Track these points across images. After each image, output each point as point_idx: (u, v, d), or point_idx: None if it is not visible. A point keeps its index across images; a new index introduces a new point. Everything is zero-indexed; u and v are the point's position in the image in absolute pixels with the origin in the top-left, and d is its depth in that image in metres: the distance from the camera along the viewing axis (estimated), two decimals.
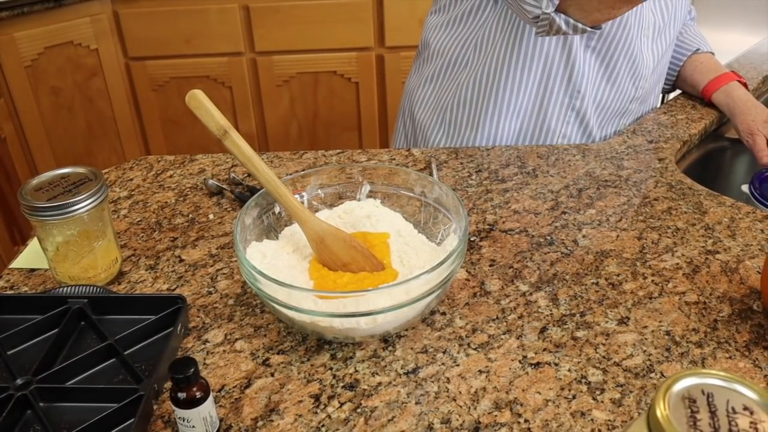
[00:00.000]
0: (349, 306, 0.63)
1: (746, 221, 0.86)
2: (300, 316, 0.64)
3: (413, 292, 0.63)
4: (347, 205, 0.82)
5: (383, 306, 0.62)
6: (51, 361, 0.65)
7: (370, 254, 0.73)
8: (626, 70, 1.06)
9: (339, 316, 0.63)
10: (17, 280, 0.79)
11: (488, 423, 0.59)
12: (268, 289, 0.64)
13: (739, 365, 0.64)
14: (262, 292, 0.65)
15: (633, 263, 0.79)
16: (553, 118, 1.09)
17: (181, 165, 1.04)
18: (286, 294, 0.63)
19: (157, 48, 2.16)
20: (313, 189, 0.82)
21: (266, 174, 0.71)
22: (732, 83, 1.15)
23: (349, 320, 0.63)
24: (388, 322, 0.65)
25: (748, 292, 0.74)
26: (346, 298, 0.63)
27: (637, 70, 1.07)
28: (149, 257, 0.82)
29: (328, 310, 0.63)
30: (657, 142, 1.09)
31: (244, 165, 0.71)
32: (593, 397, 0.61)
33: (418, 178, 0.81)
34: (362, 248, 0.73)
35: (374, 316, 0.63)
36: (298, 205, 0.73)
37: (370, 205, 0.81)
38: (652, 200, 0.92)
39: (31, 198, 0.71)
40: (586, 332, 0.69)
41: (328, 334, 0.67)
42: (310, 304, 0.63)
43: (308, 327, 0.66)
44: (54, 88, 2.04)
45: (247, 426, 0.59)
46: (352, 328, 0.64)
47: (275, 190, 0.72)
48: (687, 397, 0.39)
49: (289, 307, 0.63)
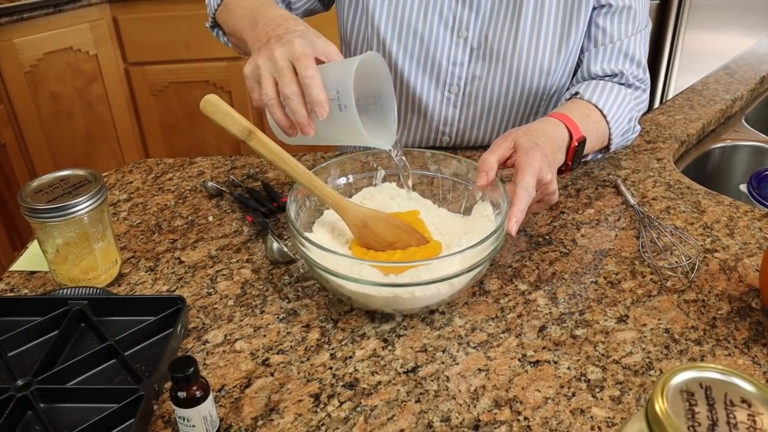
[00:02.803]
0: (423, 275, 0.66)
1: (744, 220, 0.87)
2: (374, 289, 0.67)
3: (483, 253, 0.67)
4: (365, 192, 0.84)
5: (456, 270, 0.66)
6: (51, 362, 0.65)
7: (413, 230, 0.76)
8: None
9: (421, 284, 0.66)
10: (17, 283, 0.79)
11: (488, 421, 0.59)
12: (339, 266, 0.66)
13: (738, 362, 0.64)
14: (323, 269, 0.67)
15: (632, 262, 0.79)
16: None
17: (180, 168, 1.05)
18: (355, 269, 0.66)
19: (156, 53, 2.17)
20: (332, 180, 0.83)
21: (299, 169, 0.72)
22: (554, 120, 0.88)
23: (421, 288, 0.66)
24: (452, 289, 0.69)
25: (746, 290, 0.74)
26: (426, 265, 0.67)
27: None
28: (149, 259, 0.82)
29: (399, 281, 0.66)
30: (655, 142, 1.09)
31: (273, 164, 0.72)
32: (593, 395, 0.61)
33: (432, 156, 0.84)
34: (405, 225, 0.76)
35: (451, 280, 0.66)
36: (335, 195, 0.75)
37: (387, 189, 0.84)
38: (650, 200, 0.92)
39: (30, 200, 0.71)
40: (585, 330, 0.69)
41: (386, 306, 0.69)
42: (381, 278, 0.67)
43: (369, 300, 0.69)
44: (54, 94, 2.05)
45: (247, 425, 0.59)
46: (418, 297, 0.67)
47: (311, 183, 0.73)
48: (685, 391, 0.40)
49: (362, 282, 0.66)
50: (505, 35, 0.95)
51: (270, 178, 1.00)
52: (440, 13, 0.95)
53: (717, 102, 1.25)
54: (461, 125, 1.04)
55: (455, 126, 1.04)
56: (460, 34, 0.96)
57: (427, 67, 0.99)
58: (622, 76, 0.97)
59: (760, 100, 1.35)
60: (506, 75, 0.98)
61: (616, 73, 0.97)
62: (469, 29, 0.96)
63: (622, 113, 0.95)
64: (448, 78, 0.99)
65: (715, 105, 1.23)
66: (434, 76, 1.00)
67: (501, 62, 0.97)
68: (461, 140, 1.06)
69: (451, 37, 0.96)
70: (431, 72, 0.99)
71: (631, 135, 1.01)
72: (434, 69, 0.99)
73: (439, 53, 0.97)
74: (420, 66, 0.99)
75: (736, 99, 1.27)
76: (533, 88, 0.99)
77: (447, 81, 1.00)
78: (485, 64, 0.97)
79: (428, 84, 1.00)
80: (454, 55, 0.98)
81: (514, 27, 0.94)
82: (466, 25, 0.96)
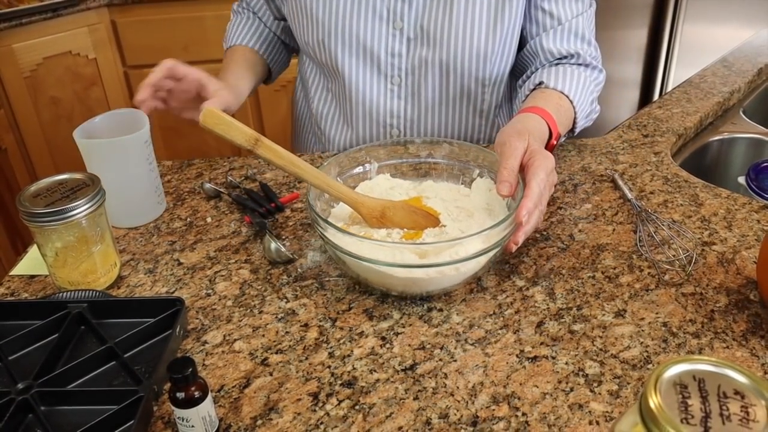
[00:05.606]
0: (444, 256, 0.68)
1: (742, 212, 0.87)
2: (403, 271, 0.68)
3: (504, 231, 0.70)
4: (363, 186, 0.85)
5: (476, 250, 0.68)
6: (52, 365, 0.65)
7: (427, 213, 0.78)
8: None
9: (447, 264, 0.67)
10: (17, 287, 0.80)
11: (486, 417, 0.59)
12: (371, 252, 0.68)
13: (737, 354, 0.64)
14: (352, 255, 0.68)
15: (629, 256, 0.79)
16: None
17: (178, 170, 1.05)
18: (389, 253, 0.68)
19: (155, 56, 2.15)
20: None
21: (311, 171, 0.74)
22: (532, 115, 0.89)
23: (442, 269, 0.68)
24: (470, 269, 0.71)
25: (744, 282, 0.74)
26: (451, 247, 0.68)
27: None
28: (148, 261, 0.83)
29: (427, 262, 0.68)
30: (652, 136, 1.09)
31: (284, 168, 0.73)
32: (591, 390, 0.61)
33: (422, 143, 0.87)
34: (420, 210, 0.78)
35: (478, 259, 0.68)
36: (349, 191, 0.77)
37: (383, 180, 0.86)
38: (648, 194, 0.92)
39: (29, 204, 0.72)
40: (582, 325, 0.69)
41: (413, 288, 0.71)
42: (414, 260, 0.68)
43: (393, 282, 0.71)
44: (53, 98, 2.05)
45: (246, 425, 0.59)
46: (441, 277, 0.69)
47: (324, 183, 0.75)
48: (678, 383, 0.40)
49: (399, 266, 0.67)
50: (440, 21, 0.97)
51: (268, 179, 1.00)
52: (373, 7, 0.97)
53: (714, 95, 1.25)
54: (408, 116, 1.06)
55: (402, 118, 1.06)
56: (395, 25, 0.98)
57: (367, 61, 1.01)
58: (579, 56, 1.00)
59: (758, 92, 1.35)
60: (444, 62, 0.99)
61: (572, 54, 1.00)
62: (404, 19, 0.98)
63: (586, 97, 0.98)
64: (389, 70, 1.01)
65: (713, 98, 1.23)
66: (375, 69, 1.01)
67: (438, 49, 0.98)
68: (411, 133, 1.08)
69: (387, 29, 0.98)
70: (371, 65, 1.01)
71: (593, 115, 1.03)
72: (374, 62, 1.01)
73: (377, 46, 0.99)
74: (360, 61, 1.01)
75: (734, 91, 1.27)
76: (472, 74, 1.01)
77: (388, 73, 1.02)
78: (423, 52, 0.99)
79: (370, 78, 1.02)
80: (391, 46, 0.99)
81: (447, 12, 0.96)
82: (401, 16, 0.97)
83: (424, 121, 1.06)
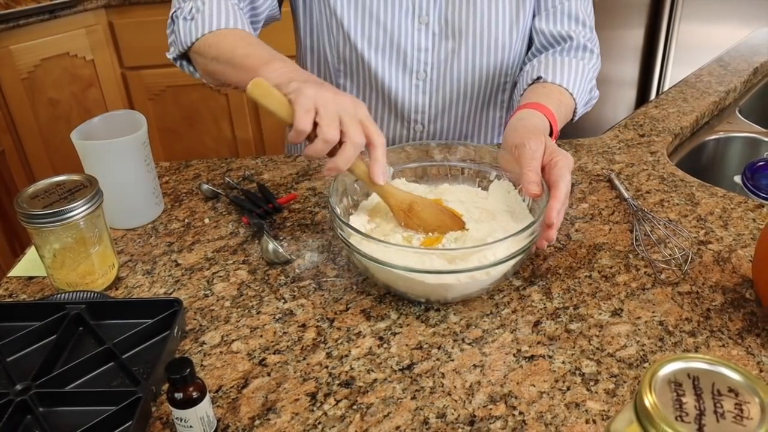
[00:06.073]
0: (474, 261, 0.67)
1: (738, 211, 0.87)
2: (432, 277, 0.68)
3: (534, 234, 0.70)
4: None
5: (507, 253, 0.68)
6: (50, 366, 0.65)
7: (453, 214, 0.78)
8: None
9: (478, 269, 0.67)
10: (16, 288, 0.80)
11: (483, 416, 0.59)
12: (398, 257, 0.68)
13: (732, 353, 0.65)
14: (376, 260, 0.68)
15: (626, 255, 0.79)
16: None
17: (176, 171, 1.05)
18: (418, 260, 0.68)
19: (153, 57, 2.17)
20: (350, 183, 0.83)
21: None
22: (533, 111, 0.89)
23: (471, 274, 0.68)
24: (500, 272, 0.70)
25: (740, 280, 0.75)
26: (479, 252, 0.68)
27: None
28: (146, 262, 0.83)
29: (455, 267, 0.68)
30: (649, 135, 1.10)
31: None
32: (587, 388, 0.62)
33: (437, 146, 0.87)
34: (447, 210, 0.78)
35: (508, 262, 0.68)
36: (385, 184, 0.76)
37: (400, 185, 0.85)
38: (644, 193, 0.92)
39: (27, 206, 0.72)
40: (579, 325, 0.69)
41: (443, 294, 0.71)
42: (444, 265, 0.68)
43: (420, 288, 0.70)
44: (51, 100, 2.05)
45: (244, 425, 0.60)
46: (472, 282, 0.69)
47: (356, 167, 0.74)
48: (673, 381, 0.40)
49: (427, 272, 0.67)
50: (464, 15, 0.97)
51: (265, 180, 1.01)
52: (399, 3, 0.97)
53: (710, 94, 1.25)
54: (432, 111, 1.06)
55: (426, 113, 1.06)
56: (421, 20, 0.98)
57: (393, 55, 1.01)
58: (573, 39, 1.00)
59: (754, 91, 1.36)
60: (470, 55, 1.00)
61: (565, 37, 1.00)
62: (429, 14, 0.98)
63: (585, 86, 0.98)
64: (415, 65, 1.01)
65: (709, 97, 1.24)
66: (401, 64, 1.01)
67: (463, 43, 0.99)
68: (433, 127, 1.08)
69: (413, 24, 0.98)
70: (397, 60, 1.01)
71: (593, 101, 1.04)
72: (400, 57, 1.01)
73: (403, 41, 0.99)
74: (386, 56, 1.01)
75: (730, 91, 1.28)
76: (496, 65, 1.02)
77: (414, 68, 1.02)
78: (448, 46, 1.00)
79: (396, 73, 1.02)
80: (418, 41, 0.99)
81: (471, 6, 0.97)
82: (426, 10, 0.98)
83: (447, 114, 1.07)
